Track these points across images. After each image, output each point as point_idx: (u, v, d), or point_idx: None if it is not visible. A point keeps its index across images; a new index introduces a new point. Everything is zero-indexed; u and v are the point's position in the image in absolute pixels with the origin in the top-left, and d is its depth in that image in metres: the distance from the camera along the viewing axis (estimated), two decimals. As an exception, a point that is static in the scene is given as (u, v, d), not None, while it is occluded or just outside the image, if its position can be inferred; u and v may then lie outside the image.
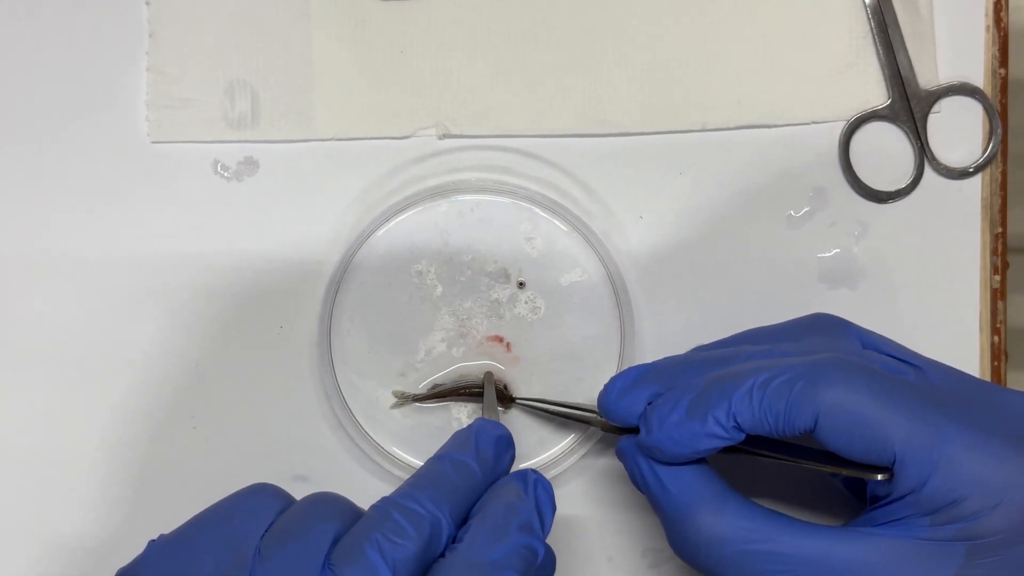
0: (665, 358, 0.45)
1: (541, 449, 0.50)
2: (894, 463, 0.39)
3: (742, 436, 0.41)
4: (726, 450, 0.42)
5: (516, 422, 0.50)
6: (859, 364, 0.40)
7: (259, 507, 0.39)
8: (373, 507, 0.39)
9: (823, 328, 0.44)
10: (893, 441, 0.38)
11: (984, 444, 0.38)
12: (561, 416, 0.49)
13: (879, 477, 0.39)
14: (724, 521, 0.41)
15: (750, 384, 0.40)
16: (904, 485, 0.39)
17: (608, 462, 0.51)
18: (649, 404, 0.42)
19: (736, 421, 0.40)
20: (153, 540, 0.39)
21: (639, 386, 0.43)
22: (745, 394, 0.40)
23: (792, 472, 0.44)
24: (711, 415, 0.40)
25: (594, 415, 0.47)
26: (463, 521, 0.40)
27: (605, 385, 0.44)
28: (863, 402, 0.39)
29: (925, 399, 0.39)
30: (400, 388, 0.50)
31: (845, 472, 0.41)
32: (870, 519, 0.40)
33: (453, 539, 0.39)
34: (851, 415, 0.39)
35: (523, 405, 0.50)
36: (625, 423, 0.43)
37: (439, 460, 0.41)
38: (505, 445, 0.43)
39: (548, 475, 0.47)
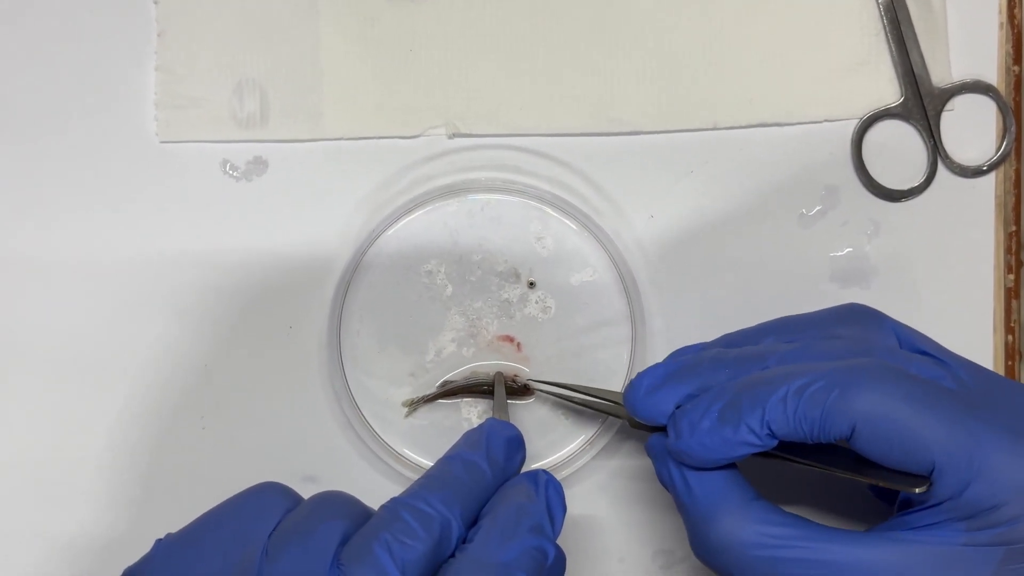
0: (688, 352, 0.44)
1: (552, 450, 0.50)
2: (932, 471, 0.38)
3: (775, 442, 0.40)
4: (758, 455, 0.41)
5: (526, 423, 0.50)
6: (896, 370, 0.39)
7: (266, 506, 0.39)
8: (383, 507, 0.39)
9: (857, 319, 0.43)
10: (932, 449, 0.38)
11: (1022, 448, 0.38)
12: (583, 405, 0.48)
13: (917, 490, 0.38)
14: (748, 526, 0.40)
15: (784, 391, 0.39)
16: (943, 492, 0.38)
17: (619, 463, 0.50)
18: (678, 407, 0.42)
19: (770, 428, 0.39)
20: (160, 539, 0.39)
21: (668, 385, 0.42)
22: (779, 401, 0.39)
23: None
24: (744, 422, 0.39)
25: (619, 406, 0.46)
26: (473, 522, 0.40)
27: (632, 381, 0.43)
28: (900, 410, 0.38)
29: (962, 405, 0.38)
30: (408, 397, 0.50)
31: (881, 483, 0.40)
32: (901, 524, 0.40)
33: (463, 540, 0.39)
34: (889, 423, 0.38)
35: (544, 392, 0.49)
36: (652, 422, 0.43)
37: (449, 460, 0.41)
38: (516, 446, 0.42)
39: (559, 476, 0.46)
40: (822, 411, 0.38)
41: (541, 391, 0.49)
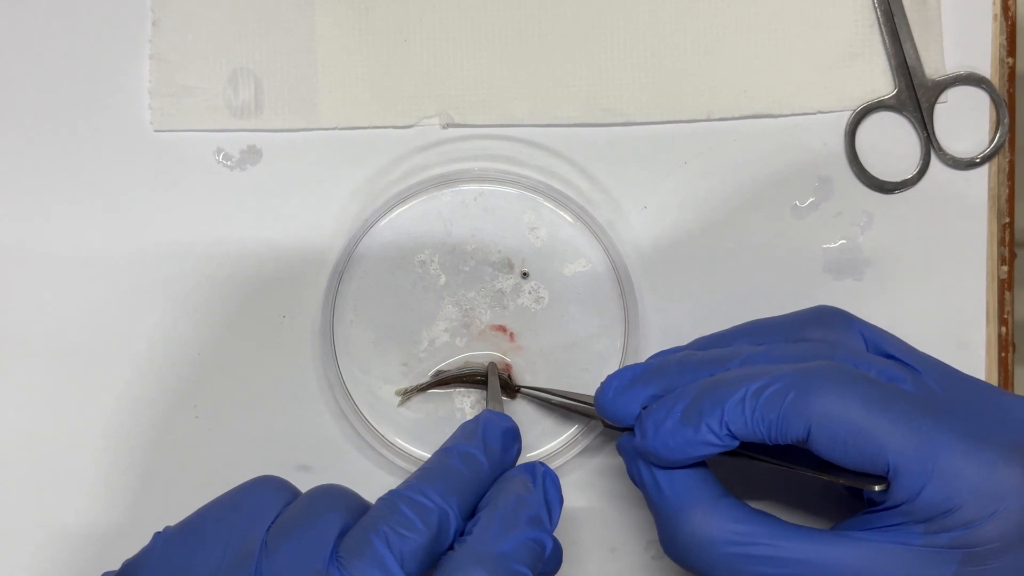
0: (662, 355, 0.45)
1: (545, 440, 0.50)
2: (888, 472, 0.38)
3: (736, 443, 0.40)
4: (725, 454, 0.41)
5: (519, 413, 0.50)
6: (852, 373, 0.39)
7: (265, 499, 0.39)
8: (380, 500, 0.39)
9: (825, 322, 0.44)
10: (887, 451, 0.38)
11: (979, 453, 0.38)
12: (564, 408, 0.49)
13: (876, 488, 0.39)
14: (714, 523, 0.40)
15: (743, 392, 0.40)
16: (899, 494, 0.38)
17: (611, 455, 0.50)
18: (644, 408, 0.42)
19: (729, 429, 0.40)
20: (159, 532, 0.39)
21: (635, 386, 0.43)
22: (738, 402, 0.40)
23: (789, 475, 0.44)
24: (704, 422, 0.40)
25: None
26: (471, 514, 0.40)
27: (601, 384, 0.44)
28: (855, 412, 0.38)
29: (920, 407, 0.39)
30: (402, 386, 0.50)
31: (842, 481, 0.40)
32: (864, 523, 0.40)
33: (461, 532, 0.39)
34: (843, 425, 0.38)
35: (528, 394, 0.49)
36: (620, 423, 0.43)
37: (446, 453, 0.41)
38: (512, 437, 0.43)
39: (551, 466, 0.46)
40: (779, 413, 0.39)
41: (525, 394, 0.50)
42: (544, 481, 0.41)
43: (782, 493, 0.49)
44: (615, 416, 0.43)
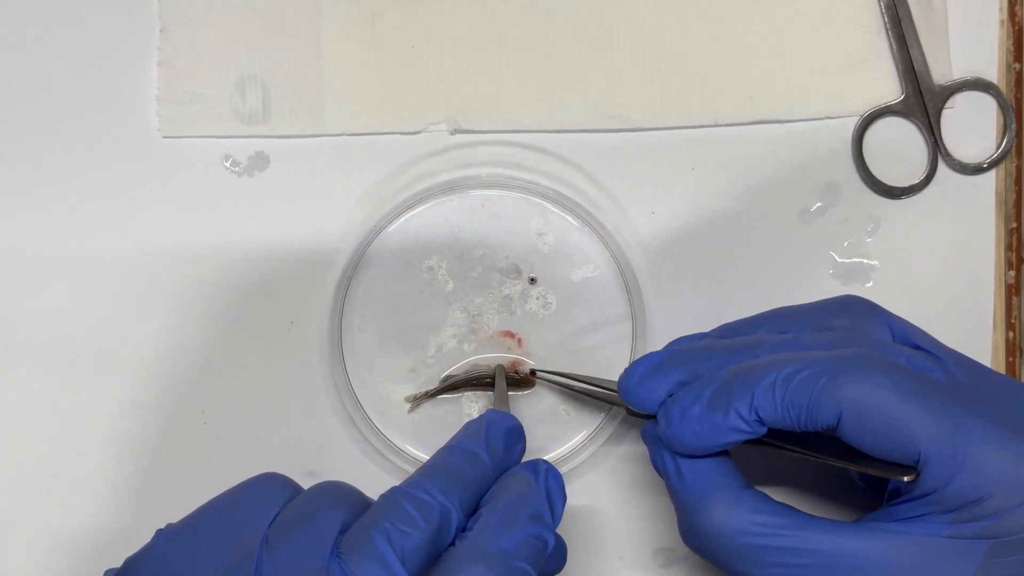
0: (684, 341, 0.44)
1: (553, 445, 0.50)
2: (918, 461, 0.38)
3: (764, 430, 0.40)
4: (749, 442, 0.41)
5: (527, 416, 0.50)
6: (884, 360, 0.39)
7: (266, 496, 0.39)
8: (382, 496, 0.39)
9: (852, 311, 0.43)
10: (918, 439, 0.38)
11: (1009, 442, 0.38)
12: (584, 393, 0.48)
13: (905, 478, 0.38)
14: (737, 513, 0.40)
15: (773, 378, 0.39)
16: (928, 484, 0.38)
17: (619, 460, 0.50)
18: (670, 396, 0.42)
19: (758, 415, 0.40)
20: (160, 529, 0.39)
21: (660, 373, 0.43)
22: (768, 388, 0.39)
23: (810, 465, 0.44)
24: (733, 408, 0.40)
25: (617, 395, 0.46)
26: (473, 511, 0.40)
27: (626, 369, 0.44)
28: (888, 399, 0.38)
29: (951, 397, 0.39)
30: (411, 393, 0.50)
31: (870, 471, 0.40)
32: (888, 515, 0.40)
33: (463, 529, 0.39)
34: (875, 412, 0.38)
35: (545, 379, 0.49)
36: (645, 410, 0.43)
37: (449, 450, 0.41)
38: (516, 436, 0.42)
39: (560, 470, 0.46)
40: (810, 398, 0.39)
41: (544, 379, 0.49)
42: (547, 478, 0.41)
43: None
44: (640, 402, 0.43)
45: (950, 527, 0.38)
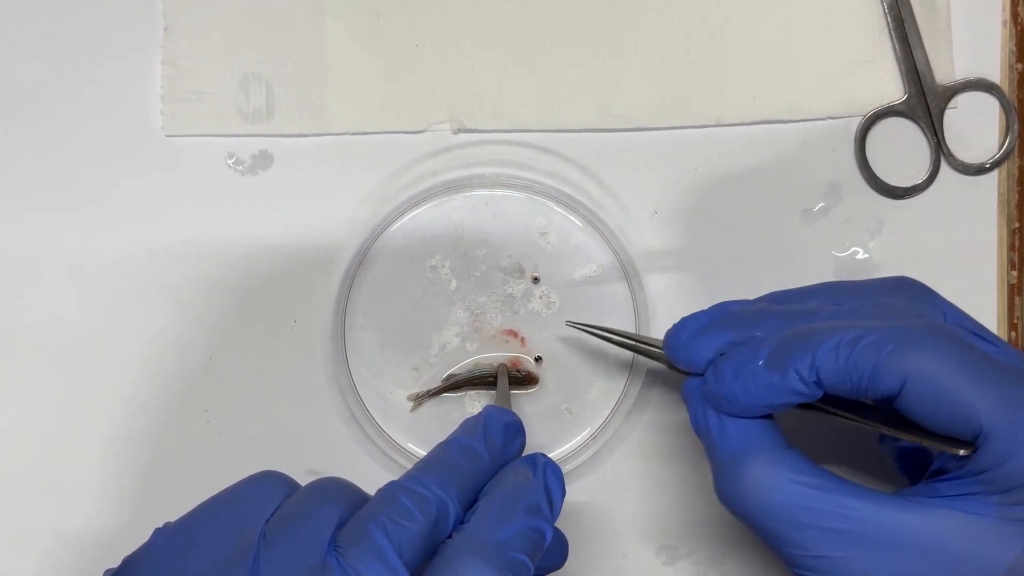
0: (737, 304, 0.44)
1: (555, 444, 0.50)
2: (978, 437, 0.37)
3: (820, 393, 0.39)
4: (801, 406, 0.40)
5: (529, 416, 0.50)
6: (952, 333, 0.38)
7: (264, 493, 0.39)
8: (379, 491, 0.39)
9: (907, 292, 0.43)
10: (980, 414, 0.37)
11: None
12: (622, 346, 0.47)
13: (962, 452, 0.38)
14: (780, 471, 0.39)
15: (837, 339, 0.39)
16: (983, 461, 0.38)
17: (622, 458, 0.50)
18: (721, 354, 0.41)
19: (819, 376, 0.39)
20: (159, 528, 0.39)
21: (710, 332, 0.42)
22: (831, 350, 0.38)
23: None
24: (793, 367, 0.39)
25: (658, 350, 0.45)
26: (471, 505, 0.40)
27: (674, 325, 0.43)
28: (953, 372, 0.37)
29: (1013, 376, 0.38)
30: (414, 391, 0.50)
31: (924, 442, 0.39)
32: (931, 490, 0.39)
33: (460, 521, 0.39)
34: (940, 383, 0.37)
35: (580, 329, 0.48)
36: (691, 367, 0.42)
37: (447, 445, 0.41)
38: (514, 432, 0.42)
39: (562, 468, 0.46)
40: (874, 364, 0.38)
41: (579, 328, 0.48)
42: (545, 471, 0.41)
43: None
44: (687, 359, 0.42)
45: (997, 508, 0.38)
